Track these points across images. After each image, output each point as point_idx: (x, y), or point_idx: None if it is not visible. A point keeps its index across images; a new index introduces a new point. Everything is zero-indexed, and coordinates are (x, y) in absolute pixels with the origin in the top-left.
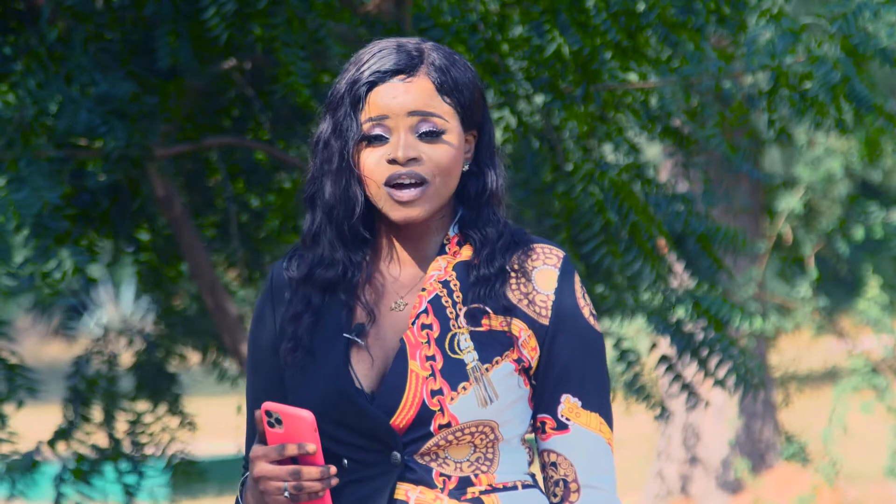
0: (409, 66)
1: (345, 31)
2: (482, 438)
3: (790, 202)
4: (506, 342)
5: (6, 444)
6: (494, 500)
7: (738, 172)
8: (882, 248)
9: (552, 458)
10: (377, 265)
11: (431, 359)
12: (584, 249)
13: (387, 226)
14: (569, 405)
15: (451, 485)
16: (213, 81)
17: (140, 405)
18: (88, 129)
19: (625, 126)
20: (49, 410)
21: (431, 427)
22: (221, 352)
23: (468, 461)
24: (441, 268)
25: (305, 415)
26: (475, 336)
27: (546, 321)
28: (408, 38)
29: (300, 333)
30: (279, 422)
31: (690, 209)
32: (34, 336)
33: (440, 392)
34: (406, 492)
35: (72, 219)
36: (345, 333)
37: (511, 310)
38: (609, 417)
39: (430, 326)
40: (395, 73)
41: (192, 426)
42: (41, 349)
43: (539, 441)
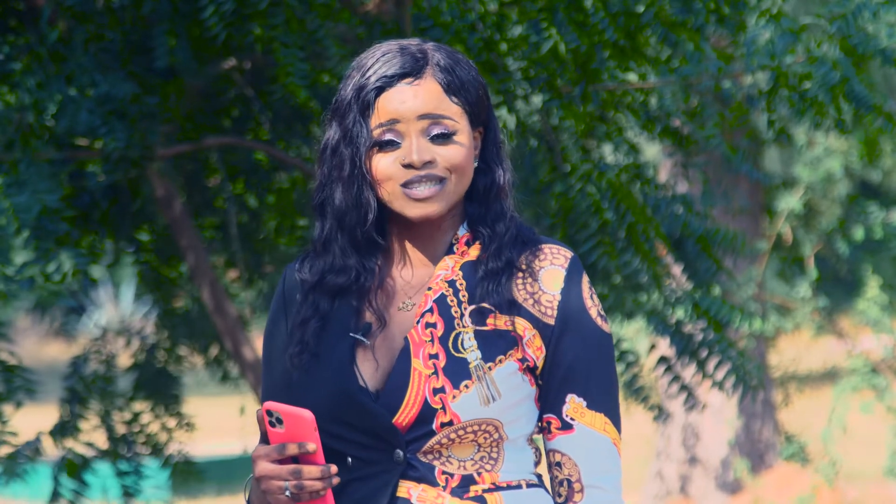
0: (415, 69)
1: (344, 32)
2: (486, 437)
3: (790, 202)
4: (510, 341)
5: (6, 447)
6: (497, 499)
7: (738, 173)
8: (882, 249)
9: (557, 458)
10: (389, 269)
11: (434, 357)
12: (581, 250)
13: (398, 229)
14: (574, 405)
15: (454, 483)
16: (213, 81)
17: (138, 405)
18: (89, 130)
19: (624, 126)
20: (49, 411)
21: (433, 425)
22: (222, 353)
23: (472, 460)
24: (448, 267)
25: (306, 414)
26: (479, 335)
27: (551, 321)
28: (409, 40)
29: (307, 338)
30: (280, 421)
31: (690, 210)
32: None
33: (442, 390)
34: (408, 489)
35: (71, 220)
36: (351, 333)
37: (515, 307)
38: (616, 418)
39: (435, 325)
40: (402, 77)
41: (191, 427)
42: (41, 349)
43: (545, 441)
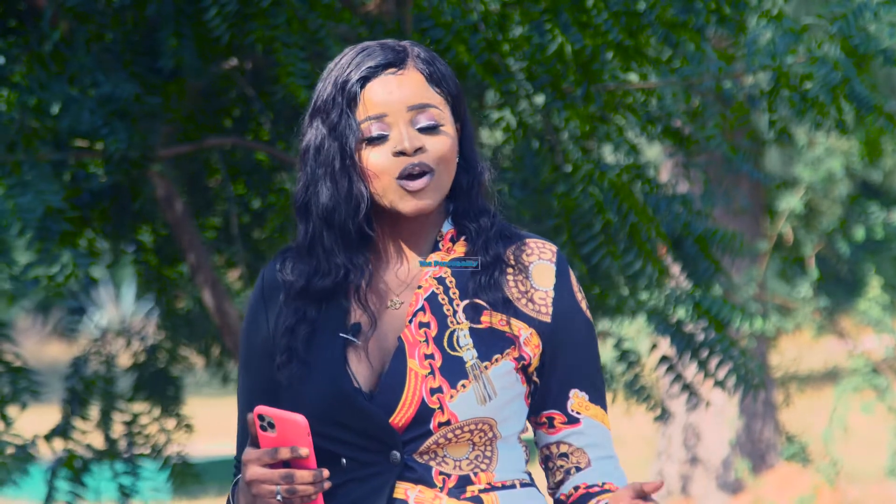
0: (398, 60)
1: (345, 32)
2: (481, 436)
3: (791, 202)
4: (506, 340)
5: (10, 447)
6: (493, 499)
7: (739, 173)
8: (883, 249)
9: (563, 449)
10: (375, 267)
11: (430, 357)
12: (584, 250)
13: (384, 226)
14: (577, 399)
15: (451, 483)
16: (214, 82)
17: (137, 406)
18: (91, 130)
19: (625, 126)
20: (48, 411)
21: (431, 425)
22: (223, 353)
23: (467, 459)
24: (435, 263)
25: (298, 419)
26: (474, 333)
27: (547, 318)
28: (385, 39)
29: (294, 345)
30: (272, 426)
31: (690, 210)
32: (34, 336)
33: (440, 390)
34: (405, 491)
35: (72, 220)
36: (341, 333)
37: (510, 304)
38: (606, 404)
39: (428, 325)
40: (386, 67)
41: (190, 427)
42: (41, 349)
43: (545, 435)
